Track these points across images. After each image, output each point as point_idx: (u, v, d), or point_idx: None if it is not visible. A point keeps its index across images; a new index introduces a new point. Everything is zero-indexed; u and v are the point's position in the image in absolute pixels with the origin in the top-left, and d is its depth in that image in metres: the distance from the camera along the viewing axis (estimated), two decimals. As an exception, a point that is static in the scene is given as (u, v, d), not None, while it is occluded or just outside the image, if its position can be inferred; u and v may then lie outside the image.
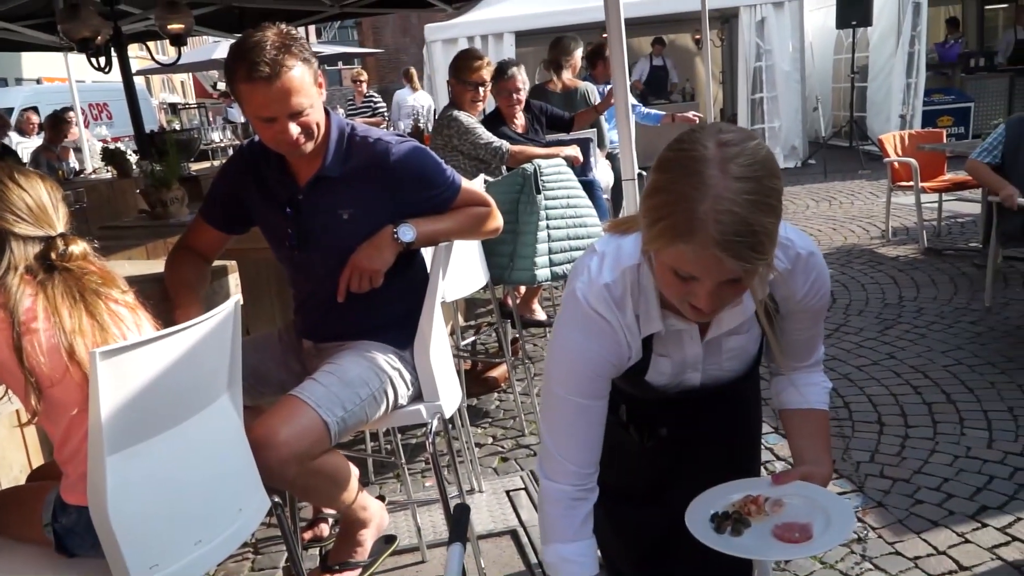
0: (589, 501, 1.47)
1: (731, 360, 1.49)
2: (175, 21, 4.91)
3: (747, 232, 1.13)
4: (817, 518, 1.35)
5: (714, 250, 1.13)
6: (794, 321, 1.48)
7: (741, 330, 1.45)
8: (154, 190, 3.45)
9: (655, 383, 1.48)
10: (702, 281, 1.20)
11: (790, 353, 1.54)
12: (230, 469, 1.73)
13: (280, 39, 1.97)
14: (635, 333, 1.39)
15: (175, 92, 27.49)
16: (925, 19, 10.11)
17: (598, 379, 1.41)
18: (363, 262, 2.14)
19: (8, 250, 1.63)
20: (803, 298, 1.42)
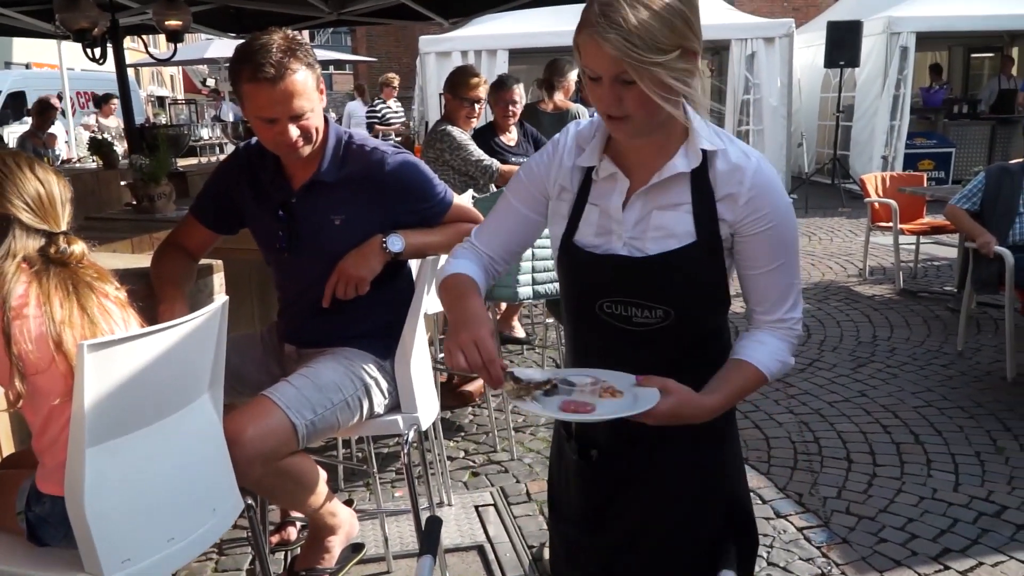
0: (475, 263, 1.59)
1: (657, 240, 1.42)
2: (173, 18, 4.92)
3: (619, 16, 1.25)
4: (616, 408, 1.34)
5: (591, 33, 1.28)
6: (746, 251, 1.44)
7: (670, 200, 1.42)
8: (142, 184, 3.44)
9: (583, 243, 1.48)
10: (602, 80, 1.31)
11: (750, 294, 1.50)
12: (207, 468, 1.74)
13: (286, 43, 2.01)
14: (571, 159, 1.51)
15: (164, 86, 27.36)
16: (912, 63, 10.31)
17: (527, 182, 1.57)
18: (350, 269, 2.16)
19: (11, 236, 1.64)
20: (743, 216, 1.41)
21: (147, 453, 1.60)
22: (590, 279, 1.49)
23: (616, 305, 1.46)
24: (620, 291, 1.45)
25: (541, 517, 3.14)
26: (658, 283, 1.42)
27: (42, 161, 1.80)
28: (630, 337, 1.47)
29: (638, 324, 1.46)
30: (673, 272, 1.42)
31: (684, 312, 1.44)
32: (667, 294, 1.43)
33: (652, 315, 1.44)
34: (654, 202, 1.43)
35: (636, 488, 1.58)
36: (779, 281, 1.47)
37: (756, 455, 3.57)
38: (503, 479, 3.46)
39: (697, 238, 1.41)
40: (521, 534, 3.01)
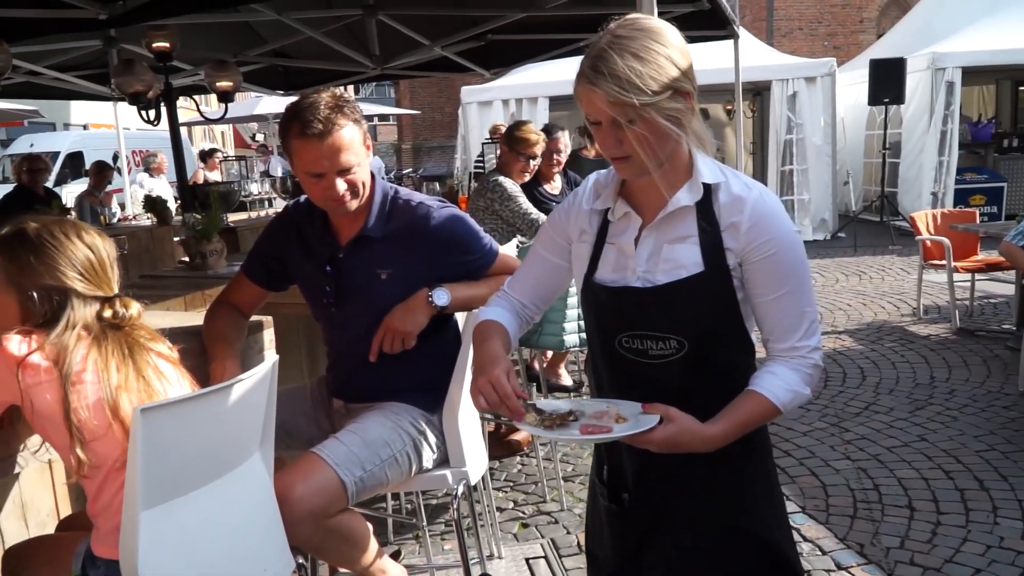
0: (507, 310, 1.70)
1: (668, 273, 1.49)
2: (224, 79, 5.08)
3: (606, 66, 1.36)
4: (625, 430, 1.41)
5: (584, 83, 1.40)
6: (752, 279, 1.49)
7: (678, 233, 1.50)
8: (195, 242, 3.52)
9: (602, 280, 1.55)
10: (600, 125, 1.42)
11: (761, 323, 1.53)
12: (258, 528, 1.75)
13: (334, 100, 2.07)
14: (589, 204, 1.61)
15: (215, 141, 28.09)
16: (958, 98, 10.17)
17: (552, 231, 1.67)
18: (397, 323, 2.18)
19: (69, 308, 1.67)
20: (746, 243, 1.46)
21: (200, 515, 1.61)
22: (609, 315, 1.55)
23: (633, 339, 1.52)
24: (635, 324, 1.51)
25: (593, 570, 3.08)
26: (669, 313, 1.48)
27: (86, 223, 1.84)
28: (647, 370, 1.51)
29: (653, 356, 1.51)
30: (683, 301, 1.47)
31: (696, 343, 1.48)
32: (678, 324, 1.48)
33: (667, 346, 1.49)
34: (664, 236, 1.51)
35: (664, 533, 1.61)
36: (788, 308, 1.49)
37: (813, 503, 3.47)
38: (553, 530, 3.42)
39: (705, 267, 1.47)
40: (573, 587, 2.96)
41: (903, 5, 17.48)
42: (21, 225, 1.70)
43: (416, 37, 5.60)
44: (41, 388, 1.58)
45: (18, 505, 2.16)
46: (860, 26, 18.39)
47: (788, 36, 18.21)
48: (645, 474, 1.59)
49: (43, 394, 1.58)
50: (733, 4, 5.41)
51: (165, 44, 4.63)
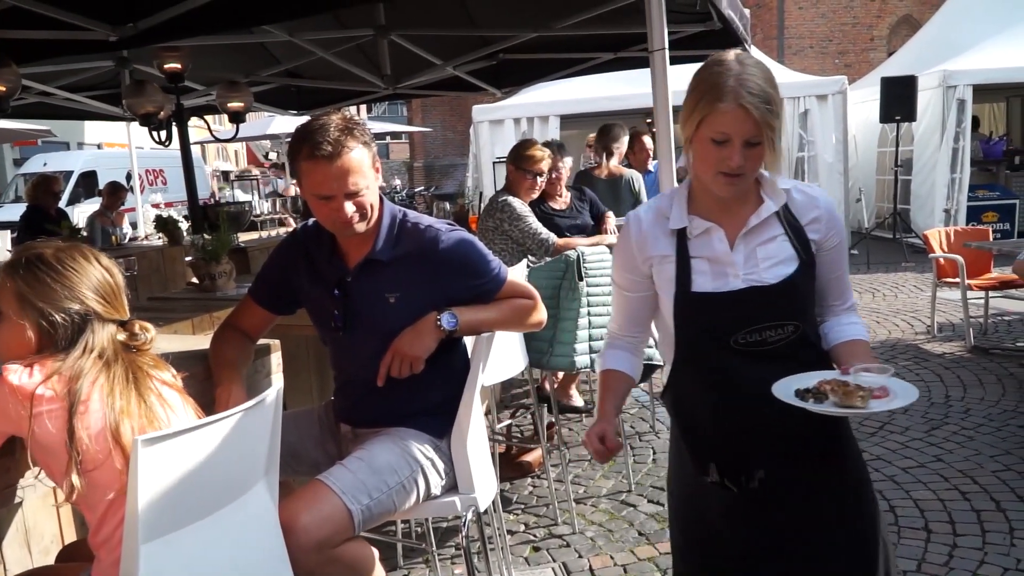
0: (622, 349, 1.95)
1: (769, 269, 1.71)
2: (235, 100, 5.10)
3: (762, 95, 1.58)
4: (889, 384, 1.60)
5: (741, 103, 1.57)
6: (829, 261, 1.78)
7: (766, 235, 1.73)
8: (204, 263, 3.52)
9: (703, 291, 1.73)
10: (732, 142, 1.60)
11: (828, 292, 1.82)
12: (261, 559, 1.72)
13: (343, 123, 2.06)
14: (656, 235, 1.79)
15: (228, 160, 28.29)
16: (969, 115, 10.14)
17: (626, 273, 1.87)
18: (405, 347, 2.16)
19: (90, 331, 1.66)
20: (826, 233, 1.75)
21: (202, 547, 1.58)
22: (721, 319, 1.73)
23: (751, 333, 1.71)
24: (755, 320, 1.70)
25: (604, 595, 3.05)
26: (786, 304, 1.71)
27: (96, 247, 1.84)
28: (765, 356, 1.71)
29: (772, 343, 1.71)
30: (795, 291, 1.71)
31: (805, 321, 1.75)
32: (793, 311, 1.72)
33: (784, 331, 1.71)
34: (754, 240, 1.73)
35: (796, 514, 1.78)
36: (846, 277, 1.86)
37: (828, 527, 3.42)
38: (565, 554, 3.38)
39: (800, 260, 1.72)
40: (584, 613, 2.92)
41: (913, 23, 17.47)
42: (36, 250, 1.70)
43: (428, 57, 5.61)
44: (43, 417, 1.56)
45: (21, 532, 2.15)
46: (871, 44, 18.38)
47: (799, 54, 18.21)
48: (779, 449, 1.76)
49: (46, 423, 1.56)
50: (745, 24, 5.39)
51: (176, 65, 4.65)
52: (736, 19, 4.79)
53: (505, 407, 5.16)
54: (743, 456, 1.78)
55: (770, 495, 1.77)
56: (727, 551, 1.84)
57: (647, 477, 4.09)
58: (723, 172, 1.64)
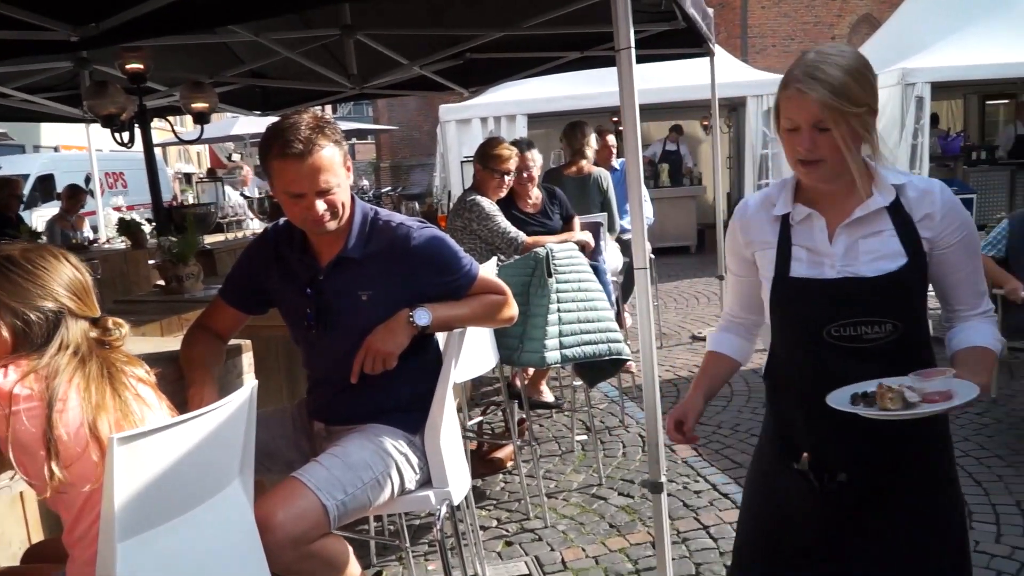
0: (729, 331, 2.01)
1: (870, 263, 1.68)
2: (200, 100, 5.05)
3: (829, 79, 1.57)
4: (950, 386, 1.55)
5: (799, 88, 1.59)
6: (947, 260, 1.70)
7: (871, 229, 1.69)
8: (171, 266, 3.49)
9: (799, 276, 1.74)
10: (801, 129, 1.62)
11: (952, 296, 1.75)
12: (238, 556, 1.72)
13: (314, 121, 2.07)
14: (760, 221, 1.82)
15: (191, 162, 27.90)
16: (928, 112, 10.33)
17: (737, 258, 1.92)
18: (377, 344, 2.17)
19: (64, 327, 1.67)
20: (941, 230, 1.68)
21: (178, 544, 1.58)
22: (817, 308, 1.72)
23: (846, 327, 1.68)
24: (849, 313, 1.68)
25: (577, 587, 3.08)
26: (885, 300, 1.67)
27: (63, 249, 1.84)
28: (861, 354, 1.68)
29: (868, 340, 1.68)
30: (896, 288, 1.66)
31: (908, 323, 1.68)
32: (893, 309, 1.67)
33: (882, 330, 1.67)
34: (858, 232, 1.70)
35: (875, 514, 1.76)
36: (976, 281, 1.74)
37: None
38: (537, 548, 3.41)
39: (908, 257, 1.66)
40: (558, 606, 2.95)
41: (873, 22, 17.76)
42: (4, 252, 1.70)
43: (394, 56, 5.60)
44: (21, 416, 1.56)
45: (-10, 537, 2.12)
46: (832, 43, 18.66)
47: (762, 53, 18.43)
48: (865, 454, 1.74)
49: (24, 422, 1.56)
50: (708, 23, 5.46)
51: (139, 65, 4.59)
52: (699, 19, 4.86)
53: (476, 404, 5.18)
54: (828, 454, 1.78)
55: (849, 499, 1.77)
56: (794, 542, 1.85)
57: (617, 471, 4.14)
58: (800, 160, 1.65)
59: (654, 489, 2.64)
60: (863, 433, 1.69)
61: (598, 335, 3.62)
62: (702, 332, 6.96)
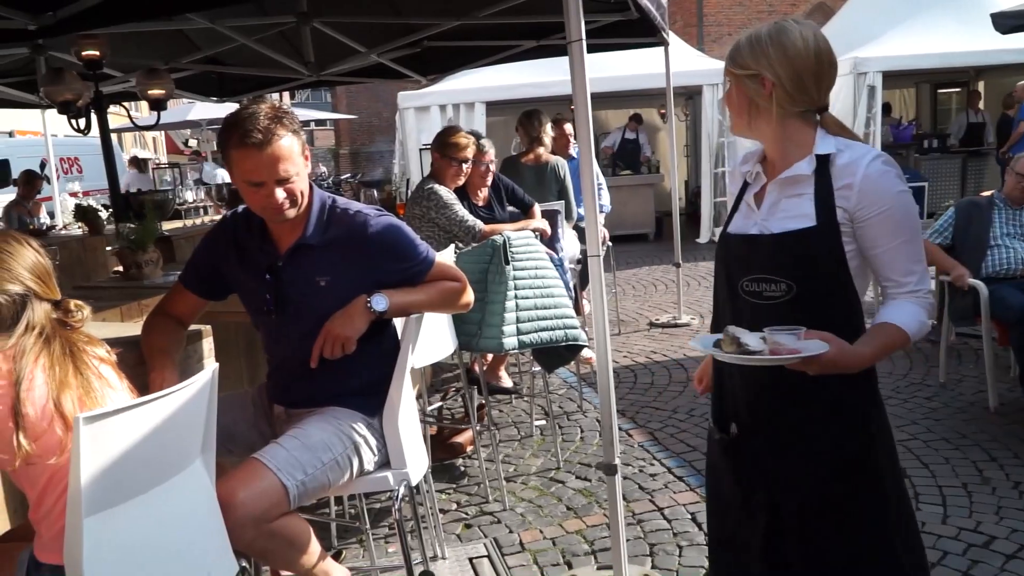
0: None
1: (780, 221, 1.74)
2: (156, 87, 5.03)
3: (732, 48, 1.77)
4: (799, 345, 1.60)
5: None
6: (866, 234, 1.70)
7: (795, 191, 1.74)
8: (130, 252, 3.50)
9: (731, 230, 1.84)
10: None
11: (879, 272, 1.74)
12: (201, 533, 1.78)
13: (273, 111, 2.12)
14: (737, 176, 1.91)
15: (146, 148, 27.48)
16: (880, 101, 10.55)
17: None
18: (336, 329, 2.22)
19: (29, 309, 1.72)
20: (858, 202, 1.68)
21: (143, 520, 1.64)
22: (735, 261, 1.81)
23: (752, 282, 1.76)
24: (755, 268, 1.75)
25: (536, 567, 3.16)
26: (783, 260, 1.72)
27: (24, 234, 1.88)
28: (762, 311, 1.73)
29: (767, 297, 1.74)
30: (792, 248, 1.70)
31: (804, 286, 1.70)
32: (788, 269, 1.71)
33: (778, 288, 1.72)
34: (784, 192, 1.76)
35: (778, 463, 1.80)
36: (901, 258, 1.71)
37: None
38: (496, 530, 3.48)
39: (817, 221, 1.69)
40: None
41: (827, 11, 18.00)
42: None
43: (351, 44, 5.61)
44: None
45: (-46, 524, 2.14)
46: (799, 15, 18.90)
47: (718, 42, 18.60)
48: (757, 410, 1.81)
49: None
50: (663, 13, 5.54)
51: (95, 52, 4.56)
52: (653, 9, 4.93)
53: (436, 391, 5.24)
54: (726, 407, 1.90)
55: (747, 450, 1.84)
56: (727, 502, 1.92)
57: (575, 455, 4.22)
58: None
59: (608, 471, 2.72)
60: (745, 385, 1.82)
61: (555, 321, 3.70)
62: (659, 319, 7.07)
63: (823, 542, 1.79)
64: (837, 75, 1.78)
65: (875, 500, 1.77)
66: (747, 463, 1.86)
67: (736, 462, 1.88)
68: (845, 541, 1.78)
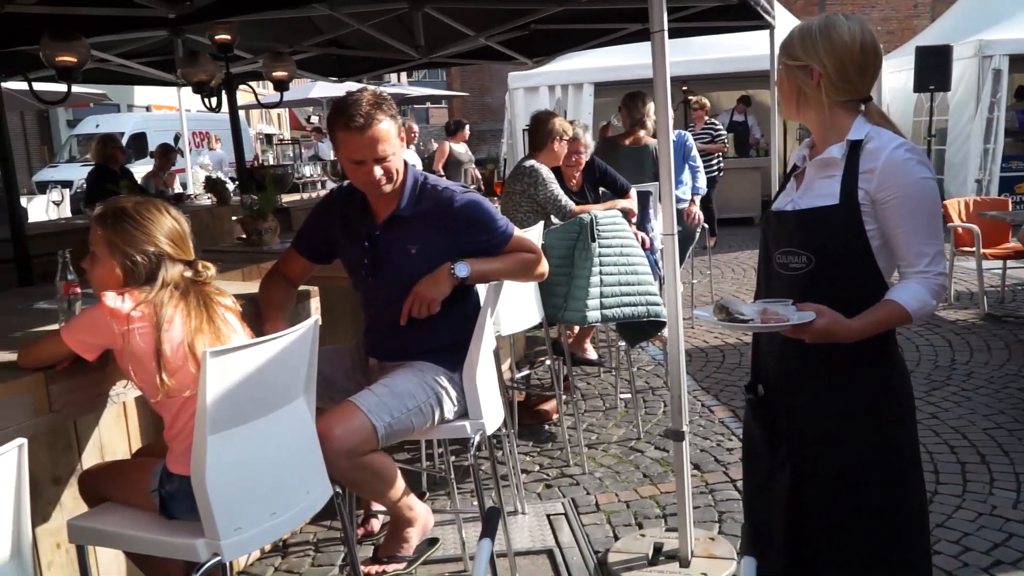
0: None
1: (809, 199, 1.88)
2: (280, 69, 5.45)
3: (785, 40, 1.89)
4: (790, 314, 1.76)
5: None
6: (884, 216, 1.81)
7: (827, 172, 1.87)
8: (251, 221, 3.88)
9: (773, 208, 2.00)
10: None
11: (896, 252, 1.84)
12: (302, 458, 2.11)
13: (373, 98, 2.41)
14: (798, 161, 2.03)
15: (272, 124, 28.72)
16: (1005, 86, 10.12)
17: None
18: (423, 291, 2.51)
19: (163, 269, 2.04)
20: (877, 186, 1.80)
21: (255, 441, 1.97)
22: (771, 234, 1.97)
23: (782, 255, 1.91)
24: (784, 241, 1.90)
25: (608, 526, 3.36)
26: (804, 233, 1.86)
27: (166, 202, 2.21)
28: (789, 282, 1.89)
29: (793, 270, 1.89)
30: (814, 223, 1.85)
31: (823, 260, 1.83)
32: (809, 243, 1.85)
33: (799, 261, 1.86)
34: (818, 173, 1.90)
35: (801, 420, 1.94)
36: (915, 240, 1.81)
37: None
38: (574, 491, 3.70)
39: (839, 200, 1.82)
40: (589, 541, 3.24)
41: (957, -10, 17.19)
42: (120, 203, 2.09)
43: (460, 28, 5.87)
44: (135, 333, 1.95)
45: (98, 447, 2.53)
46: (914, 11, 18.13)
47: (842, 20, 18.00)
48: (784, 368, 1.96)
49: (137, 338, 1.95)
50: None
51: (227, 36, 4.98)
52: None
53: (528, 361, 5.48)
54: (758, 371, 2.07)
55: (771, 410, 2.00)
56: (758, 453, 2.06)
57: (656, 427, 4.40)
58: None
59: (676, 437, 2.90)
60: (770, 351, 1.98)
61: (638, 298, 3.88)
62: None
63: (836, 513, 1.92)
64: (882, 67, 1.93)
65: (890, 477, 1.89)
66: (772, 421, 2.01)
67: (763, 420, 2.04)
68: (856, 513, 1.90)
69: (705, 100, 9.95)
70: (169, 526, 1.99)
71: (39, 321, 2.53)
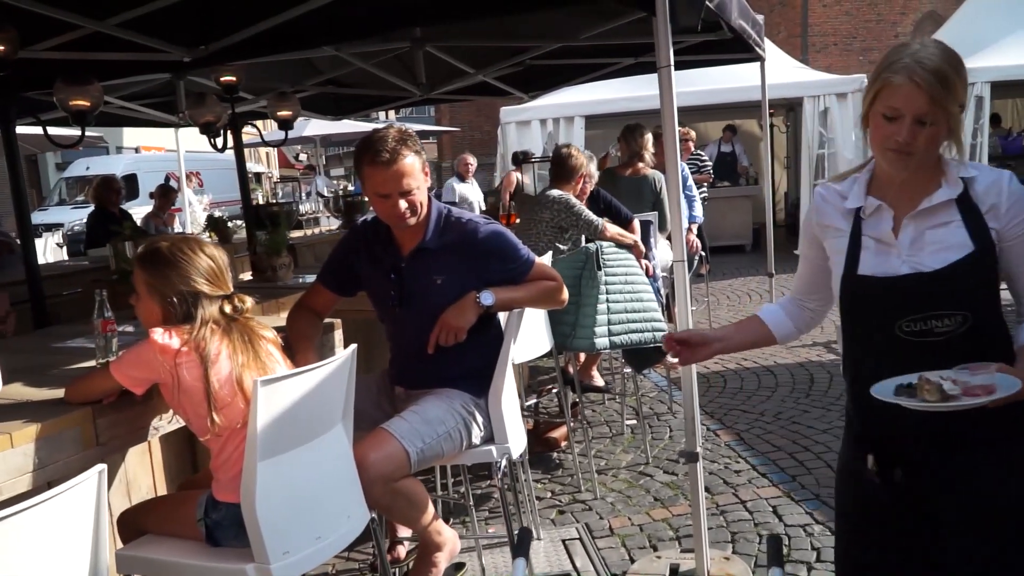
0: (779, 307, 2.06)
1: (934, 254, 1.68)
2: (285, 108, 5.56)
3: (938, 74, 1.59)
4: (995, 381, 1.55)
5: (913, 79, 1.59)
6: (1015, 251, 1.69)
7: (938, 220, 1.70)
8: (266, 257, 3.96)
9: (867, 273, 1.74)
10: (903, 118, 1.62)
11: (1017, 288, 1.73)
12: (343, 483, 2.18)
13: (399, 135, 2.52)
14: (833, 211, 1.83)
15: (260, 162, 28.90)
16: (987, 112, 10.34)
17: (807, 242, 1.94)
18: (450, 320, 2.59)
19: (201, 307, 2.11)
20: (1007, 221, 1.67)
21: (301, 467, 2.04)
22: (886, 304, 1.72)
23: (916, 322, 1.68)
24: (919, 307, 1.68)
25: (623, 549, 3.43)
26: (952, 292, 1.65)
27: (204, 239, 2.29)
28: (934, 348, 1.67)
29: (939, 333, 1.67)
30: (963, 279, 1.66)
31: (978, 314, 1.66)
32: (962, 300, 1.65)
33: (952, 322, 1.65)
34: (925, 223, 1.71)
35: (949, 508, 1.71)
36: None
37: (827, 492, 3.77)
38: (587, 516, 3.76)
39: (975, 247, 1.66)
40: (605, 564, 3.31)
41: (937, 19, 17.58)
42: (156, 244, 2.16)
43: (460, 66, 6.00)
44: (183, 368, 2.02)
45: (123, 483, 2.59)
46: (895, 41, 18.43)
47: (823, 52, 18.39)
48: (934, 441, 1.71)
49: (185, 373, 2.02)
50: (758, 30, 5.69)
51: (232, 78, 5.07)
52: (748, 27, 5.11)
53: (533, 391, 5.55)
54: (891, 450, 1.77)
55: (915, 493, 1.75)
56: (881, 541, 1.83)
57: (663, 451, 4.47)
58: (890, 148, 1.65)
59: (690, 458, 2.98)
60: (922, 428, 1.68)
61: (643, 324, 3.98)
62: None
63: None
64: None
65: None
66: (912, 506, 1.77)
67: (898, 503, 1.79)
68: None
69: (691, 131, 10.12)
70: (217, 553, 2.05)
71: (75, 359, 2.61)
